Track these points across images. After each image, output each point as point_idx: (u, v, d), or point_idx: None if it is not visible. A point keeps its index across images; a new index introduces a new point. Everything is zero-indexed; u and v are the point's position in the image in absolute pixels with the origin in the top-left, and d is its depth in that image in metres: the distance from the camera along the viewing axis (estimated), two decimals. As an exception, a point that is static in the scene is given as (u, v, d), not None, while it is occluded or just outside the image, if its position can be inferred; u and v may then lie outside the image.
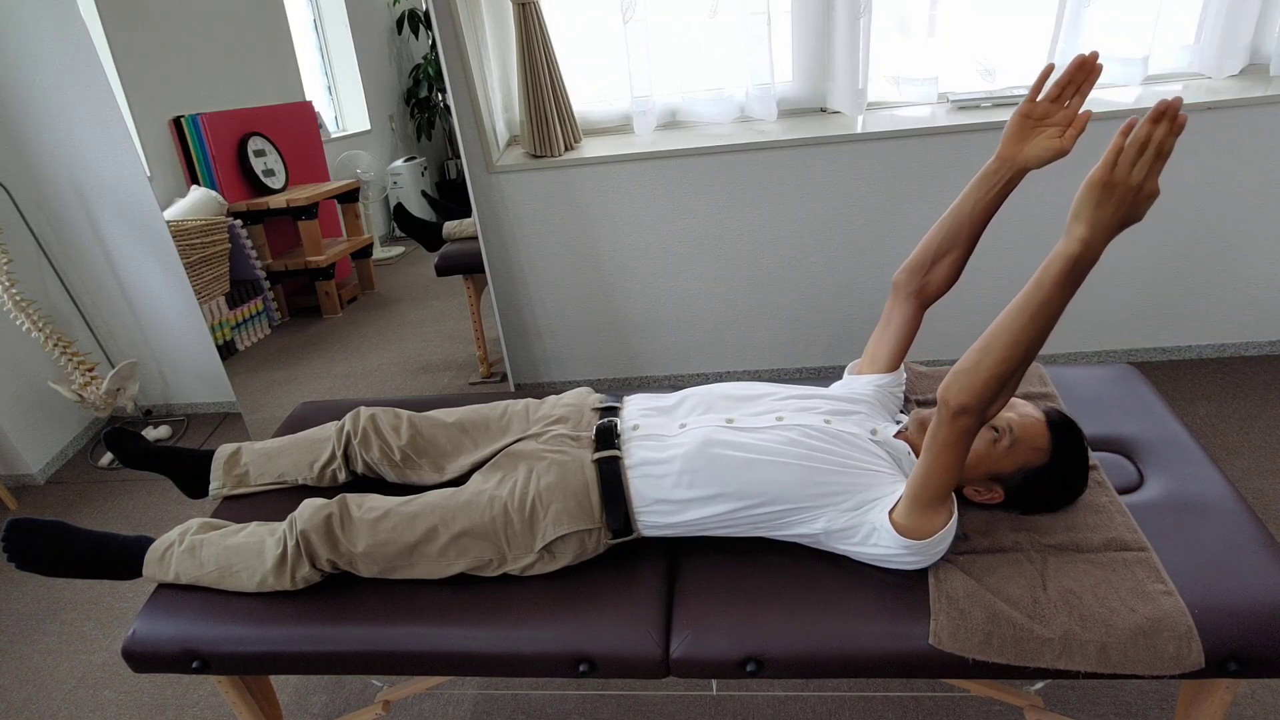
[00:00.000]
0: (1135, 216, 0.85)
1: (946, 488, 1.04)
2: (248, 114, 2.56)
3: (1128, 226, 0.85)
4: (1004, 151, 1.14)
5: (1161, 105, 0.80)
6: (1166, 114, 0.80)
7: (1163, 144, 0.81)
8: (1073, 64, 1.05)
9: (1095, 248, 0.86)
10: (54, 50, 2.31)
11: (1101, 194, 0.84)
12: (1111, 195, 0.83)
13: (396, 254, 3.16)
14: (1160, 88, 2.29)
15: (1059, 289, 0.88)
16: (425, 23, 2.96)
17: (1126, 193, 0.83)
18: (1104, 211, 0.84)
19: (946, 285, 1.29)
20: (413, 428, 1.44)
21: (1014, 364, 0.92)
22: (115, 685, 1.79)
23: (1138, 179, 0.82)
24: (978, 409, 0.96)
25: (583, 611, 1.17)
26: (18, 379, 2.58)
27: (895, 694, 1.54)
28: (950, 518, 1.07)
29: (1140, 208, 0.84)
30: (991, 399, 0.95)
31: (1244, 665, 1.00)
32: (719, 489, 1.17)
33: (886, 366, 1.35)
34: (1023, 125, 1.12)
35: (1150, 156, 0.81)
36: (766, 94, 2.41)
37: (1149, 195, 0.83)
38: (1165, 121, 0.80)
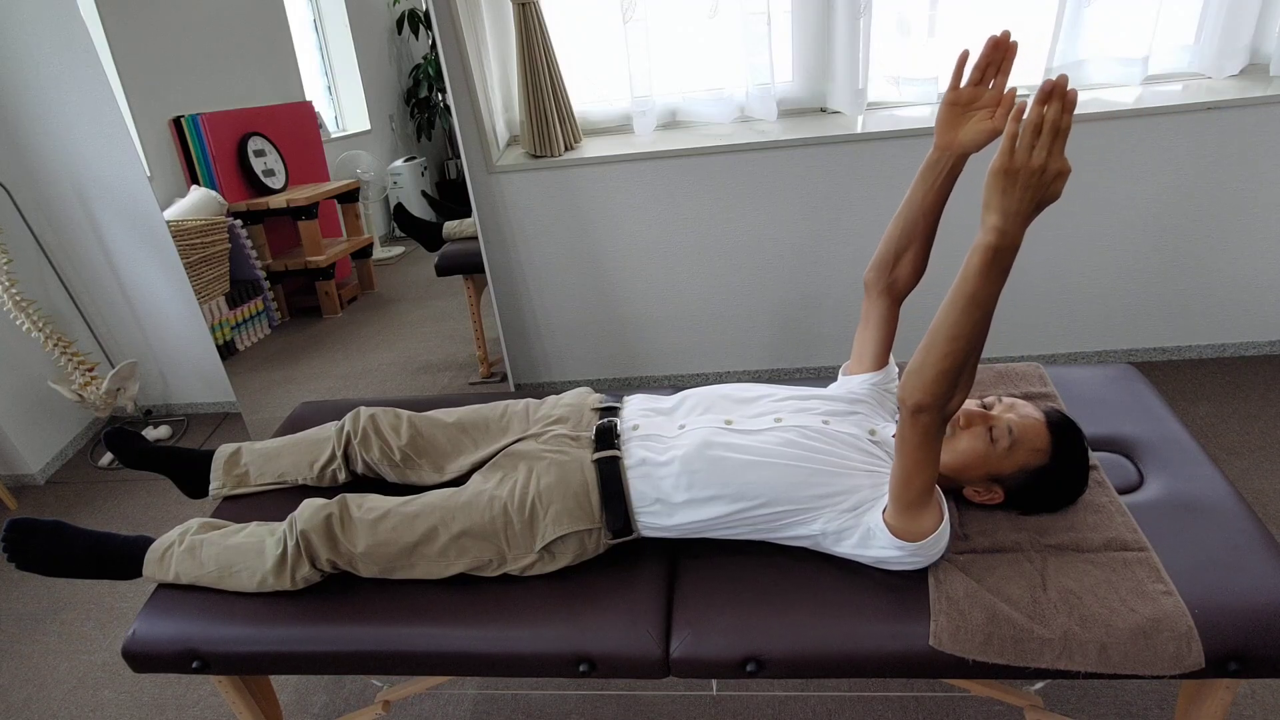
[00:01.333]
0: (1050, 197, 0.83)
1: (927, 487, 1.03)
2: (248, 114, 2.56)
3: (1045, 207, 0.84)
4: (940, 140, 1.14)
5: (1047, 84, 0.80)
6: (1054, 93, 0.79)
7: (1057, 123, 0.80)
8: (987, 45, 1.06)
9: (1010, 235, 0.85)
10: (54, 50, 2.31)
11: (1005, 182, 0.83)
12: (1015, 181, 0.82)
13: (396, 254, 3.16)
14: (1160, 88, 2.29)
15: (983, 280, 0.87)
16: (425, 23, 2.96)
17: (1030, 176, 0.82)
18: (1011, 198, 0.83)
19: (914, 278, 1.30)
20: (413, 428, 1.44)
21: (958, 358, 0.91)
22: (115, 685, 1.79)
23: (1039, 161, 0.81)
24: (934, 406, 0.95)
25: (583, 611, 1.17)
26: (18, 379, 2.58)
27: (895, 694, 1.54)
28: (942, 518, 1.07)
29: (1052, 187, 0.83)
30: (945, 395, 0.94)
31: (1244, 665, 1.00)
32: (717, 490, 1.17)
33: (873, 365, 1.36)
34: (952, 113, 1.12)
35: (1047, 137, 0.80)
36: (766, 94, 2.41)
37: (1057, 174, 0.82)
38: (1055, 100, 0.79)
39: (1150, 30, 2.23)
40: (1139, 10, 2.21)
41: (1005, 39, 1.05)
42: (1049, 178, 0.82)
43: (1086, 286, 2.48)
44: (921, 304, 2.56)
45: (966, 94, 1.11)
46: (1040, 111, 0.80)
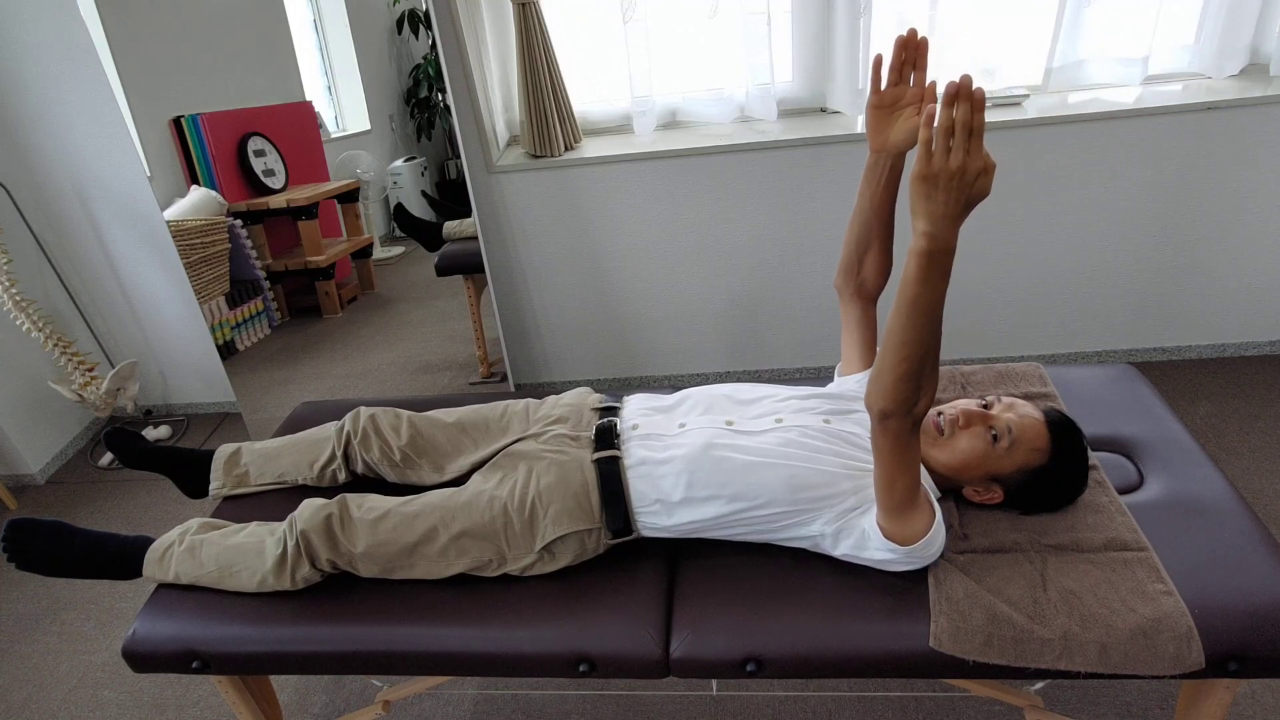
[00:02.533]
0: (977, 195, 0.82)
1: (910, 489, 1.03)
2: (248, 114, 2.56)
3: (975, 205, 0.83)
4: (873, 144, 1.16)
5: (951, 87, 0.79)
6: (960, 95, 0.79)
7: (969, 123, 0.79)
8: (896, 45, 1.07)
9: (941, 238, 0.84)
10: (54, 50, 2.31)
11: (927, 187, 0.82)
12: (937, 186, 0.82)
13: (396, 254, 3.16)
14: (1160, 88, 2.29)
15: (922, 285, 0.87)
16: (425, 23, 2.96)
17: (951, 179, 0.81)
18: (936, 203, 0.83)
19: (881, 277, 1.32)
20: (413, 428, 1.44)
21: (913, 363, 0.91)
22: (115, 685, 1.79)
23: (956, 163, 0.80)
24: (899, 411, 0.95)
25: (583, 611, 1.17)
26: (18, 379, 2.58)
27: (895, 694, 1.54)
28: (932, 520, 1.06)
29: (977, 185, 0.82)
30: (908, 398, 0.94)
31: (1244, 665, 1.00)
32: (716, 490, 1.17)
33: (862, 365, 1.37)
34: (879, 115, 1.13)
35: (961, 138, 0.80)
36: (766, 94, 2.41)
37: (980, 172, 0.81)
38: (963, 101, 0.79)
39: (1150, 30, 2.23)
40: (1139, 10, 2.21)
41: (913, 37, 1.07)
42: (971, 177, 0.81)
43: (1087, 286, 2.48)
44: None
45: (889, 95, 1.12)
46: (950, 114, 0.79)
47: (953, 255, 0.86)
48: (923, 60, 1.08)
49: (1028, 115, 2.21)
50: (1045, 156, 2.28)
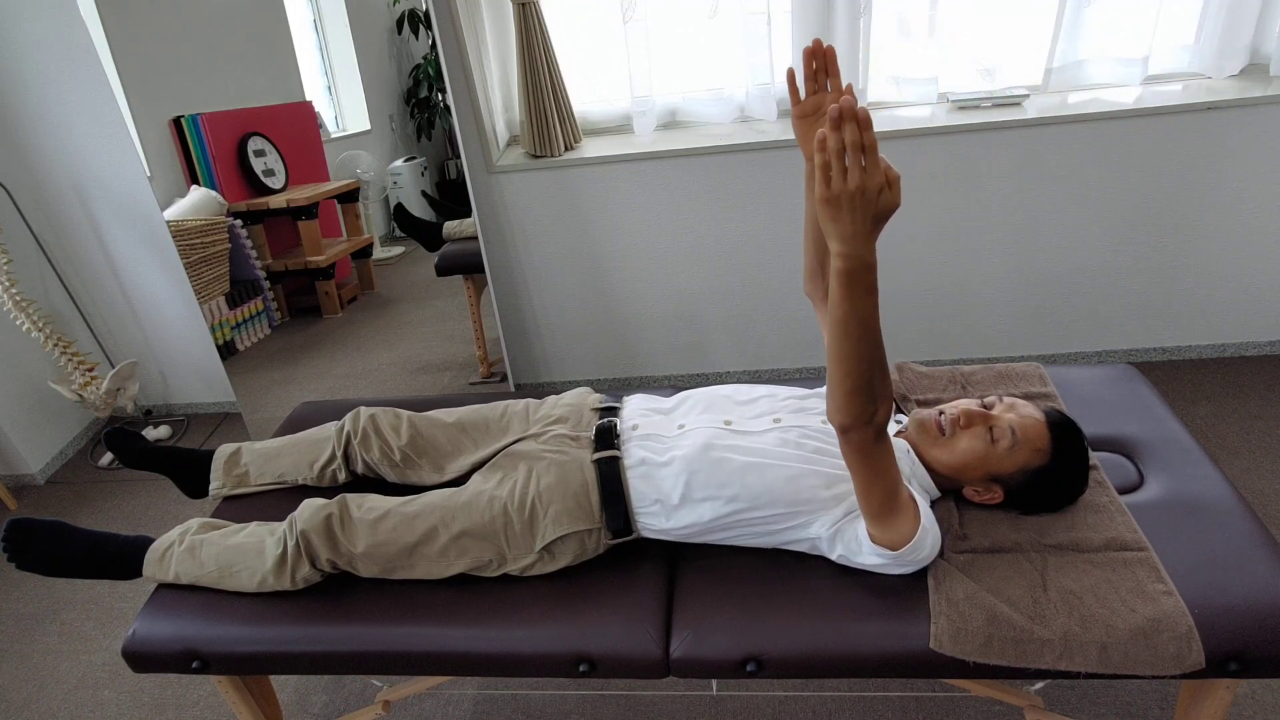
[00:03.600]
0: (885, 208, 0.82)
1: (888, 496, 1.02)
2: (248, 114, 2.56)
3: (887, 218, 0.83)
4: (806, 152, 1.16)
5: (834, 111, 0.79)
6: (844, 116, 0.79)
7: (859, 142, 0.79)
8: (805, 56, 1.09)
9: (856, 257, 0.84)
10: (54, 50, 2.31)
11: (832, 210, 0.82)
12: (841, 207, 0.81)
13: (396, 254, 3.16)
14: (1160, 88, 2.29)
15: (849, 303, 0.87)
16: (425, 23, 2.96)
17: (853, 198, 0.81)
18: (844, 223, 0.82)
19: None
20: (413, 428, 1.44)
21: (858, 377, 0.91)
22: (115, 685, 1.79)
23: (855, 183, 0.80)
24: (858, 424, 0.95)
25: (583, 611, 1.17)
26: (18, 379, 2.58)
27: (895, 694, 1.54)
28: (917, 524, 1.05)
29: (884, 200, 0.81)
30: (863, 411, 0.93)
31: (1244, 665, 1.00)
32: (716, 492, 1.17)
33: None
34: (804, 124, 1.14)
35: (855, 158, 0.79)
36: (766, 94, 2.41)
37: (881, 187, 0.80)
38: (848, 123, 0.79)
39: (1150, 30, 2.23)
40: (1139, 10, 2.21)
41: (818, 46, 1.09)
42: (873, 193, 0.81)
43: (1086, 286, 2.48)
44: (935, 313, 2.56)
45: (810, 104, 1.13)
46: (838, 137, 0.79)
47: (873, 270, 0.86)
48: (833, 66, 1.10)
49: (1028, 115, 2.21)
50: (1045, 156, 2.28)
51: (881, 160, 0.80)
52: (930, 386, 1.55)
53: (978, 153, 2.29)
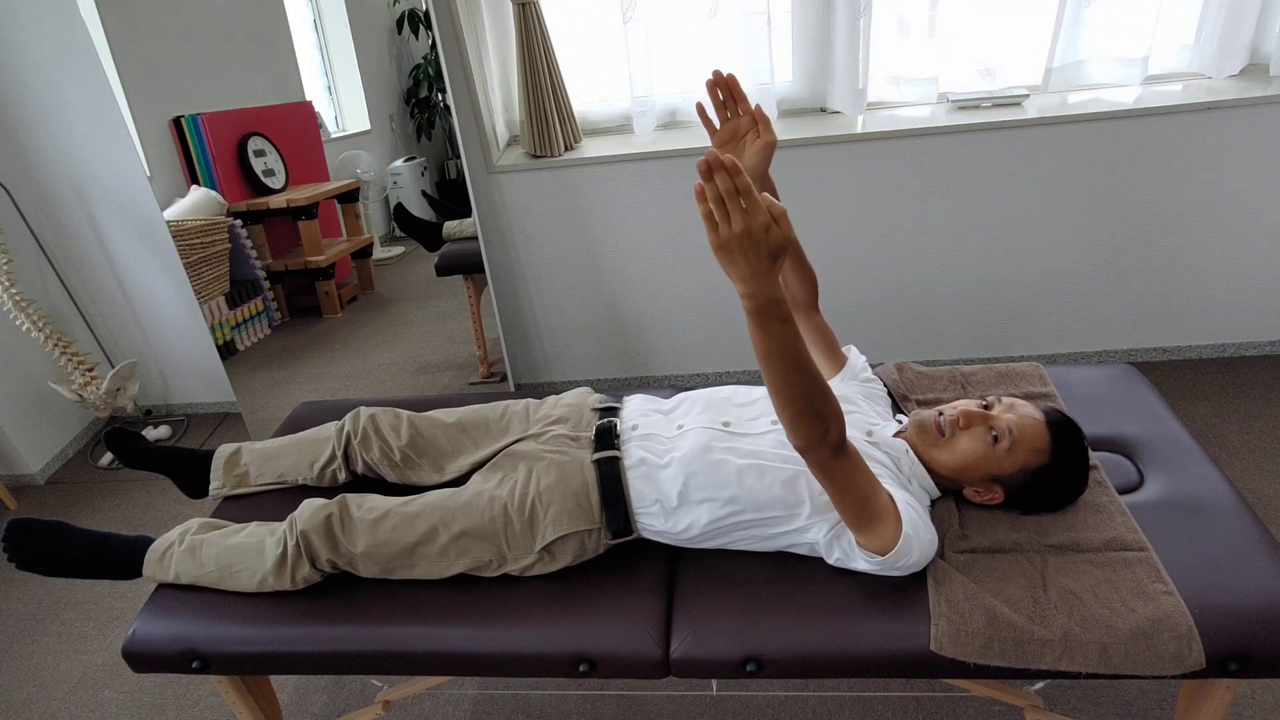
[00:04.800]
0: (776, 245, 0.83)
1: (860, 507, 1.03)
2: (248, 114, 2.56)
3: (781, 254, 0.84)
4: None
5: (702, 165, 0.80)
6: (713, 168, 0.80)
7: (732, 189, 0.80)
8: (709, 89, 1.17)
9: (759, 295, 0.85)
10: (54, 50, 2.31)
11: (724, 256, 0.84)
12: (733, 251, 0.83)
13: (396, 254, 3.16)
14: (1160, 88, 2.29)
15: (766, 338, 0.89)
16: (425, 23, 2.96)
17: (741, 242, 0.82)
18: (740, 266, 0.84)
19: (806, 285, 1.35)
20: (413, 428, 1.44)
21: (797, 405, 0.92)
22: (115, 685, 1.79)
23: (739, 227, 0.81)
24: (813, 444, 0.96)
25: (583, 611, 1.17)
26: (18, 379, 2.58)
27: (895, 694, 1.54)
28: (899, 531, 1.04)
29: (772, 238, 0.82)
30: (814, 433, 0.94)
31: (1244, 665, 1.00)
32: (715, 493, 1.17)
33: (833, 369, 1.40)
34: (727, 149, 1.20)
35: (732, 204, 0.81)
36: (766, 94, 2.41)
37: (768, 224, 0.82)
38: (719, 173, 0.80)
39: (1150, 30, 2.23)
40: (1139, 10, 2.21)
41: (718, 77, 1.16)
42: (759, 234, 0.82)
43: (1086, 286, 2.48)
44: (933, 314, 2.56)
45: (727, 131, 1.20)
46: (715, 186, 0.81)
47: (781, 303, 0.87)
48: (737, 90, 1.16)
49: (1028, 115, 2.21)
50: (1045, 156, 2.28)
51: (764, 198, 0.82)
52: (930, 386, 1.55)
53: (978, 153, 2.29)
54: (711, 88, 1.16)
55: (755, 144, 1.18)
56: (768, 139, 1.17)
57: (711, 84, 1.16)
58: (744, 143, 1.20)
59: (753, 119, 1.18)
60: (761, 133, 1.18)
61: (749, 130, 1.19)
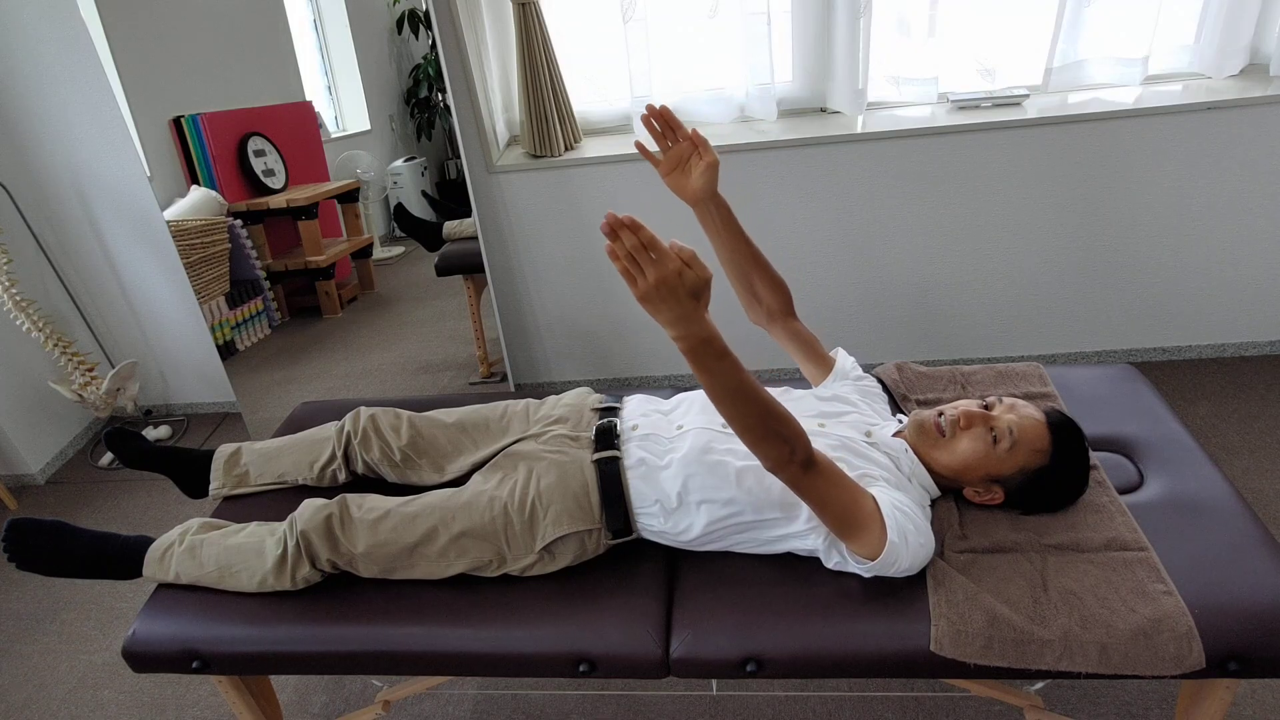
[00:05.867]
0: (694, 286, 0.85)
1: (841, 519, 1.04)
2: (248, 114, 2.56)
3: (700, 293, 0.86)
4: (686, 199, 1.25)
5: (605, 227, 0.83)
6: (615, 228, 0.83)
7: (639, 244, 0.84)
8: (644, 123, 1.21)
9: (690, 337, 0.88)
10: (54, 50, 2.31)
11: (649, 305, 0.86)
12: (654, 300, 0.86)
13: (396, 254, 3.16)
14: (1160, 88, 2.29)
15: (706, 374, 0.91)
16: (425, 23, 2.96)
17: (659, 290, 0.85)
18: (665, 313, 0.87)
19: (781, 295, 1.36)
20: (413, 428, 1.44)
21: (754, 431, 0.95)
22: (115, 685, 1.79)
23: (654, 277, 0.84)
24: (780, 465, 0.98)
25: (583, 611, 1.17)
26: (18, 379, 2.58)
27: (895, 694, 1.54)
28: (885, 539, 1.04)
29: (688, 281, 0.85)
30: (779, 454, 0.97)
31: (1244, 665, 1.00)
32: (713, 494, 1.17)
33: (822, 373, 1.40)
34: (675, 178, 1.24)
35: (642, 258, 0.84)
36: (766, 94, 2.41)
37: (680, 269, 0.85)
38: (623, 232, 0.83)
39: (1150, 30, 2.23)
40: (1139, 10, 2.21)
41: (651, 111, 1.20)
42: (674, 279, 0.84)
43: (1086, 286, 2.48)
44: (933, 314, 2.56)
45: (670, 159, 1.24)
46: (622, 244, 0.84)
47: (713, 339, 0.89)
48: (672, 120, 1.20)
49: (1028, 115, 2.21)
50: (1045, 156, 2.28)
51: (673, 243, 0.85)
52: (930, 386, 1.55)
53: (978, 153, 2.29)
54: (647, 122, 1.21)
55: (699, 166, 1.22)
56: (710, 160, 1.22)
57: (646, 119, 1.20)
58: (689, 167, 1.23)
59: (692, 143, 1.22)
60: (703, 154, 1.22)
61: (691, 155, 1.23)
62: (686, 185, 1.25)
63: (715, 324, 0.90)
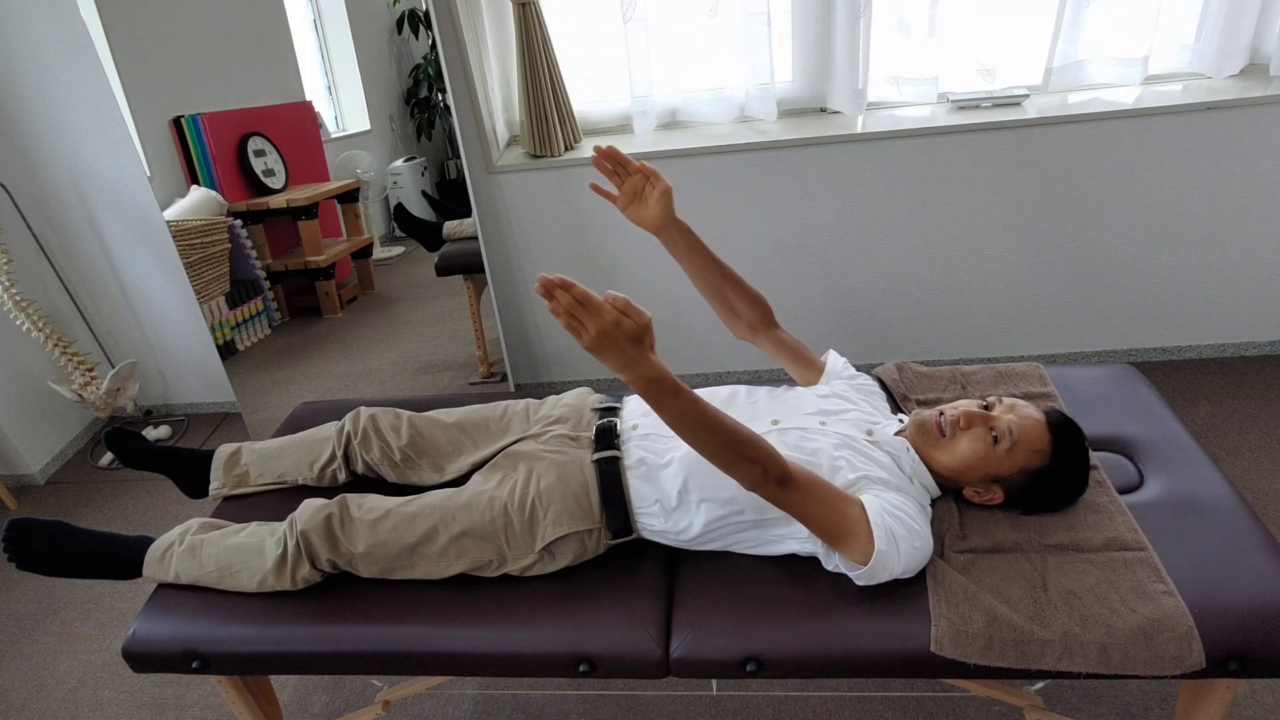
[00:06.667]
0: (634, 333, 0.90)
1: (826, 530, 1.06)
2: (248, 114, 2.56)
3: (641, 338, 0.91)
4: (649, 229, 1.30)
5: (540, 290, 0.88)
6: (548, 289, 0.88)
7: (573, 302, 0.88)
8: (596, 165, 1.26)
9: (639, 379, 0.93)
10: (54, 50, 2.31)
11: (597, 354, 0.91)
12: (599, 350, 0.90)
13: (396, 254, 3.16)
14: (1160, 88, 2.29)
15: (664, 411, 0.96)
16: (425, 23, 2.96)
17: (602, 342, 0.89)
18: (611, 360, 0.91)
19: (758, 307, 1.38)
20: (413, 428, 1.44)
21: (722, 458, 0.99)
22: (115, 685, 1.79)
23: (595, 330, 0.89)
24: (756, 485, 1.02)
25: (583, 611, 1.17)
26: (18, 379, 2.58)
27: (895, 694, 1.54)
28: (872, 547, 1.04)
29: (625, 329, 0.89)
30: (751, 475, 1.00)
31: (1244, 665, 1.00)
32: (714, 494, 1.16)
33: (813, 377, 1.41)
34: (634, 210, 1.29)
35: (580, 313, 0.89)
36: (766, 94, 2.41)
37: (617, 319, 0.89)
38: (557, 291, 0.88)
39: (1150, 30, 2.23)
40: (1139, 10, 2.21)
41: (599, 152, 1.24)
42: (613, 329, 0.89)
43: (1086, 286, 2.48)
44: (934, 314, 2.56)
45: (626, 194, 1.28)
46: (556, 304, 0.89)
47: (664, 378, 0.93)
48: (620, 157, 1.25)
49: (1028, 115, 2.21)
50: (1045, 156, 2.28)
51: (608, 295, 0.90)
52: (930, 386, 1.55)
53: (978, 153, 2.29)
54: (598, 163, 1.26)
55: (654, 195, 1.26)
56: (662, 188, 1.26)
57: (596, 160, 1.25)
58: (645, 197, 1.28)
59: (644, 175, 1.26)
60: (655, 183, 1.26)
61: (644, 186, 1.27)
62: (646, 215, 1.29)
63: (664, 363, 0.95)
